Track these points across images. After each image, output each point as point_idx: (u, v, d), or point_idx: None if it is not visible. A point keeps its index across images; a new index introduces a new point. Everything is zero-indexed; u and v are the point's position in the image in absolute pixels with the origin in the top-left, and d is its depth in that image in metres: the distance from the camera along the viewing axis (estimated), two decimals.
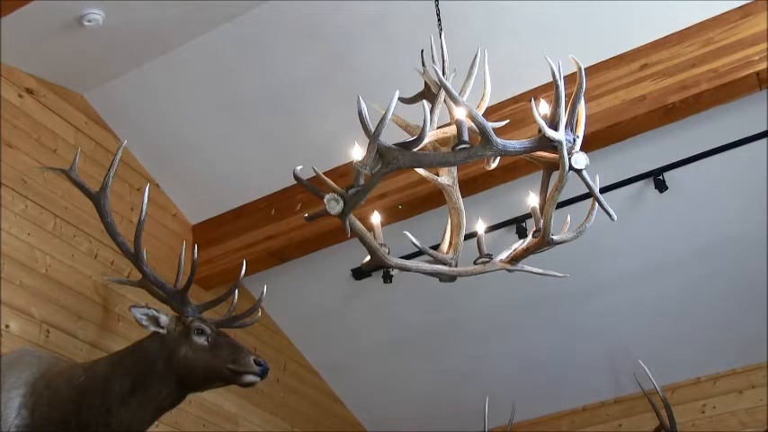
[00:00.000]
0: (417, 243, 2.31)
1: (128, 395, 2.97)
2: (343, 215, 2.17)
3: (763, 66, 3.48)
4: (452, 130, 2.37)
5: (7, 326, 3.34)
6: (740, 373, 5.03)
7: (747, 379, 5.00)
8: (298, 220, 4.21)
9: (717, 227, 4.41)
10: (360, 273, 4.73)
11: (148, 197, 3.11)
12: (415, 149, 2.11)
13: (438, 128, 2.54)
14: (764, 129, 3.97)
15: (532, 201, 2.50)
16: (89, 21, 3.51)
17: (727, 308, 4.73)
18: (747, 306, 4.70)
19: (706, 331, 4.86)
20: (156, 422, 3.21)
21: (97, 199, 3.08)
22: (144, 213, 3.09)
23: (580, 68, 2.15)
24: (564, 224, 2.54)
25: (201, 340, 3.05)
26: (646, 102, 3.67)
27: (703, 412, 5.05)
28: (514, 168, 3.76)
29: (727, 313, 4.75)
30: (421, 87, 2.74)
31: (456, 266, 2.44)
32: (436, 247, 2.48)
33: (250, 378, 3.00)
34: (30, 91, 3.79)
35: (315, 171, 2.17)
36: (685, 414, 4.95)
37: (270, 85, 4.02)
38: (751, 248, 4.46)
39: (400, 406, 5.54)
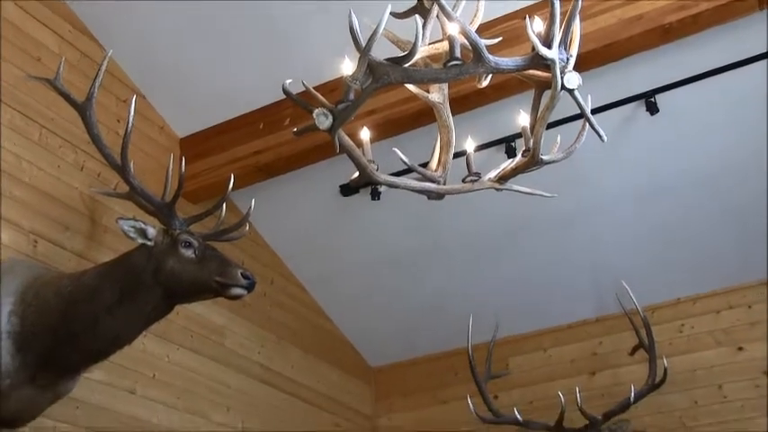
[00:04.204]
0: (406, 160, 2.31)
1: (115, 306, 2.99)
2: (332, 130, 2.16)
3: None
4: (444, 46, 2.34)
5: None
6: (720, 295, 5.12)
7: (726, 300, 5.10)
8: (286, 134, 4.18)
9: (706, 152, 4.41)
10: (348, 189, 4.73)
11: (135, 109, 3.07)
12: (405, 65, 2.09)
13: (430, 44, 2.50)
14: (763, 50, 3.93)
15: (523, 120, 2.49)
16: None
17: (711, 232, 4.78)
18: (731, 230, 4.76)
19: (690, 254, 4.93)
20: (144, 332, 3.26)
21: (83, 109, 3.04)
22: (130, 125, 3.05)
23: None
24: (554, 144, 2.54)
25: (189, 253, 3.06)
26: (642, 21, 3.61)
27: (681, 332, 5.17)
28: (506, 87, 3.72)
29: (712, 237, 4.80)
30: (413, 2, 2.69)
31: (444, 184, 2.45)
32: (425, 165, 2.48)
33: (237, 291, 3.03)
34: None
35: (304, 85, 2.15)
36: (664, 333, 5.06)
37: None
38: (738, 175, 4.48)
39: (385, 321, 5.63)
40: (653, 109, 4.14)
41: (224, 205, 3.32)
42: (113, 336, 3.03)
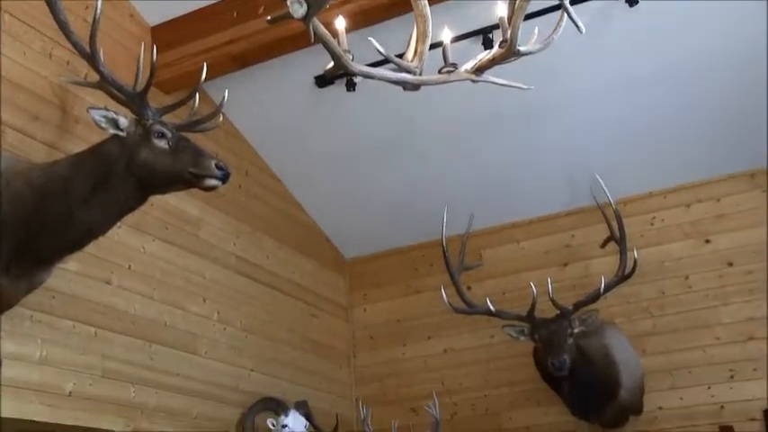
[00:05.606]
0: (382, 50, 2.28)
1: (89, 196, 2.97)
2: (306, 18, 2.11)
3: None
4: None
5: None
6: (689, 188, 5.21)
7: (695, 194, 5.20)
8: (260, 23, 4.09)
9: (682, 45, 4.39)
10: (323, 80, 4.68)
11: None
12: None
13: None
14: None
15: (500, 10, 2.45)
16: None
17: (684, 126, 4.81)
18: (704, 125, 4.79)
19: (663, 148, 4.97)
20: (119, 224, 3.26)
21: None
22: (99, 11, 2.95)
23: None
24: (531, 36, 2.51)
25: (162, 143, 3.03)
26: None
27: (652, 224, 5.27)
28: None
29: (685, 131, 4.84)
30: None
31: (420, 75, 2.42)
32: (401, 56, 2.45)
33: (211, 182, 3.01)
34: None
35: None
36: (635, 225, 5.16)
37: None
38: (715, 67, 4.47)
39: (360, 213, 5.67)
40: (632, 0, 4.08)
41: (197, 95, 3.26)
42: (87, 227, 3.02)
